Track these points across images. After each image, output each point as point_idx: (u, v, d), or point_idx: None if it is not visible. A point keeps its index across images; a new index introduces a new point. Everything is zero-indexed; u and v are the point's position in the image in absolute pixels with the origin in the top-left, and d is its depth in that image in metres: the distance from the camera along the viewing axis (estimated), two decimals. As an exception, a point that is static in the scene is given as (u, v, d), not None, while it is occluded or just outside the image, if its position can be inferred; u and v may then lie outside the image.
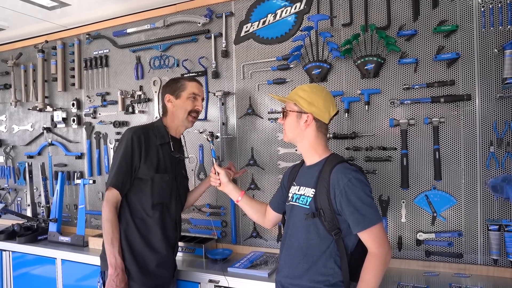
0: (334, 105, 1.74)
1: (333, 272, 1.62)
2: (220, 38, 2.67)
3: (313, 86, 1.79)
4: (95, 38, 3.21)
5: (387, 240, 1.59)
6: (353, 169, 1.63)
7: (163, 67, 2.89)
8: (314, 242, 1.65)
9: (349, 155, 2.33)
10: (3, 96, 3.86)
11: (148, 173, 2.05)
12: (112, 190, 1.99)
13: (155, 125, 2.18)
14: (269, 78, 2.52)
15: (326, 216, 1.62)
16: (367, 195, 1.58)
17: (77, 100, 3.32)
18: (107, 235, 1.97)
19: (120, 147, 2.04)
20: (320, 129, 1.73)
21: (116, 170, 2.00)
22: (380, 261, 1.55)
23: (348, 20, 2.33)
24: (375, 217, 1.56)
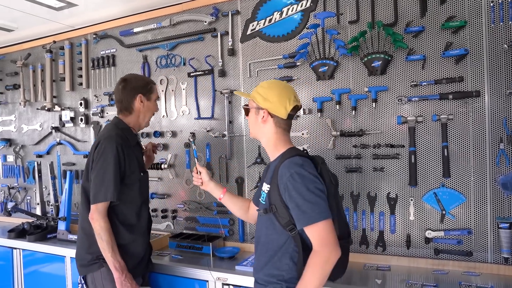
0: (292, 100, 1.68)
1: (288, 268, 1.61)
2: (226, 37, 2.67)
3: (271, 82, 1.80)
4: (102, 38, 3.22)
5: (333, 239, 1.51)
6: (298, 164, 1.58)
7: (169, 66, 2.90)
8: (272, 238, 1.66)
9: (356, 152, 2.32)
10: (12, 96, 3.90)
11: (135, 177, 2.13)
12: (105, 203, 2.02)
13: (120, 127, 2.17)
14: (276, 76, 2.52)
15: (279, 212, 1.61)
16: (310, 191, 1.53)
17: (85, 100, 3.34)
18: (107, 244, 2.00)
19: (107, 159, 2.03)
20: (279, 124, 1.71)
21: (113, 183, 2.01)
22: (320, 260, 1.50)
23: (354, 17, 2.32)
24: (317, 214, 1.50)
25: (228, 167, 2.69)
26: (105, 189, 2.00)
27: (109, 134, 2.12)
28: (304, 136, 2.46)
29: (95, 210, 2.01)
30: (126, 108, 2.20)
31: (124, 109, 2.20)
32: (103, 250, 2.02)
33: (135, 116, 2.20)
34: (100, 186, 2.01)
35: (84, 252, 2.12)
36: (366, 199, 2.32)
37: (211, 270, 2.28)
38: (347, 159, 2.35)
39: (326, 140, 2.41)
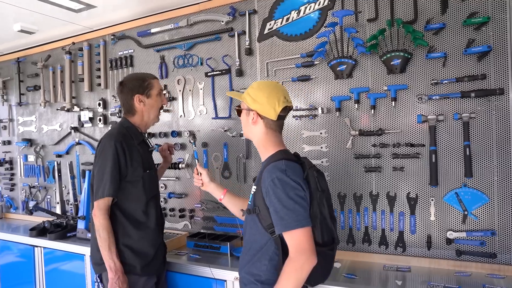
0: (282, 101, 1.67)
1: (265, 269, 1.63)
2: (243, 36, 2.67)
3: (261, 83, 1.78)
4: (120, 38, 3.26)
5: (308, 247, 1.50)
6: (281, 169, 1.57)
7: (187, 66, 2.92)
8: (255, 238, 1.67)
9: (375, 152, 2.30)
10: (33, 97, 3.97)
11: (137, 174, 2.14)
12: (106, 199, 2.03)
13: (125, 126, 2.20)
14: (294, 76, 2.51)
15: (262, 214, 1.62)
16: (289, 198, 1.52)
17: (103, 100, 3.38)
18: (104, 241, 2.00)
19: (106, 156, 2.06)
20: (269, 126, 1.70)
21: (110, 179, 2.03)
22: (294, 267, 1.50)
23: (373, 15, 2.29)
24: (294, 221, 1.50)
25: (245, 166, 2.68)
26: (103, 185, 2.03)
27: (110, 132, 2.16)
28: (322, 135, 2.44)
29: (96, 207, 2.03)
30: (129, 110, 2.23)
31: (127, 111, 2.24)
32: (100, 248, 2.02)
33: (139, 116, 2.22)
34: (100, 183, 2.04)
35: (97, 251, 2.11)
36: (386, 199, 2.30)
37: (230, 270, 2.28)
38: (366, 159, 2.33)
39: (344, 139, 2.39)
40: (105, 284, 2.13)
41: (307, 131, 2.49)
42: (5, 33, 3.52)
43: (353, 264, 2.32)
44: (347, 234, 2.41)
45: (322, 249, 1.58)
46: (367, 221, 2.35)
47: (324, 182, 1.73)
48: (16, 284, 3.42)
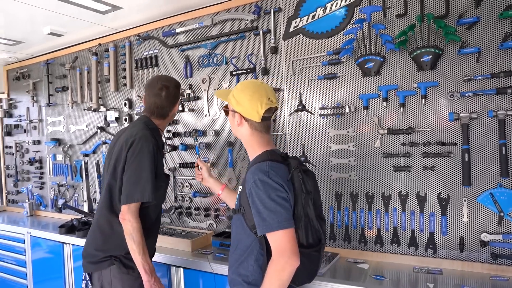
0: (265, 103, 1.64)
1: (252, 269, 1.62)
2: (268, 35, 2.65)
3: (244, 84, 1.74)
4: (145, 39, 3.29)
5: (289, 249, 1.48)
6: (263, 171, 1.55)
7: (211, 65, 2.92)
8: (241, 237, 1.68)
9: (405, 151, 2.24)
10: (61, 98, 4.06)
11: (162, 179, 2.12)
12: (138, 203, 1.95)
13: (150, 127, 2.11)
14: (320, 74, 2.47)
15: (247, 214, 1.62)
16: (271, 199, 1.50)
17: (129, 100, 3.43)
18: (138, 245, 1.94)
19: (143, 158, 1.96)
20: (254, 127, 1.69)
21: (150, 183, 1.95)
22: (276, 269, 1.49)
23: (402, 11, 2.23)
24: (276, 223, 1.49)
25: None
26: (142, 188, 1.93)
27: (143, 133, 2.04)
28: (349, 134, 2.40)
29: (127, 211, 1.93)
30: (163, 114, 2.18)
31: (161, 115, 2.17)
32: (133, 252, 1.95)
33: (167, 120, 2.23)
34: (136, 185, 1.94)
35: (94, 249, 2.07)
36: (415, 199, 2.24)
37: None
38: (395, 158, 2.27)
39: (372, 138, 2.34)
40: (95, 283, 2.09)
41: (334, 130, 2.45)
42: (36, 36, 3.62)
43: (381, 265, 2.27)
44: (375, 235, 2.36)
45: (306, 251, 1.58)
46: (396, 221, 2.30)
47: (311, 182, 1.70)
48: (47, 279, 3.52)
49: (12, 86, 4.65)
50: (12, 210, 4.69)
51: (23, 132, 4.50)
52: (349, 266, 2.30)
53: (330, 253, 2.44)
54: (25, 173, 4.51)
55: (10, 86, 4.67)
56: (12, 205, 4.70)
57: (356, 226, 2.42)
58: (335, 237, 2.49)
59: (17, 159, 4.58)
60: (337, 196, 2.46)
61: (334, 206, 2.48)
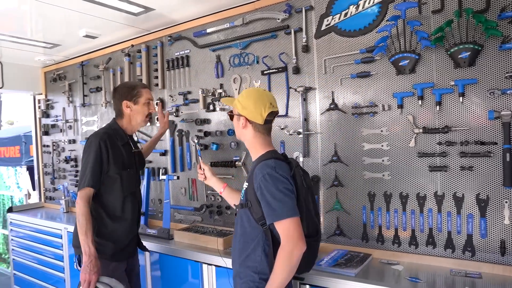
0: (268, 107, 1.85)
1: (260, 260, 1.79)
2: (300, 33, 2.64)
3: (249, 91, 1.97)
4: (176, 39, 3.34)
5: (298, 235, 1.66)
6: (270, 166, 1.75)
7: (242, 64, 2.93)
8: (247, 231, 1.84)
9: (441, 150, 2.18)
10: (95, 98, 4.18)
11: (117, 171, 2.41)
12: (87, 189, 2.30)
13: (113, 128, 2.51)
14: (352, 72, 2.44)
15: (253, 208, 1.79)
16: (279, 191, 1.70)
17: (161, 100, 3.49)
18: (82, 227, 2.23)
19: (90, 151, 2.35)
20: (257, 129, 1.89)
21: (91, 171, 2.31)
22: (285, 254, 1.66)
23: (439, 6, 2.17)
24: (284, 212, 1.67)
25: (303, 165, 2.65)
26: (85, 177, 2.31)
27: (97, 131, 2.48)
28: (383, 133, 2.36)
29: (78, 196, 2.29)
30: (118, 113, 2.55)
31: (117, 115, 2.56)
32: (78, 232, 2.24)
33: (127, 119, 2.53)
34: (83, 174, 2.34)
35: (75, 234, 2.36)
36: (452, 200, 2.18)
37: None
38: (431, 157, 2.22)
39: (407, 137, 2.29)
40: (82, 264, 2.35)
41: (367, 129, 2.41)
42: (72, 39, 3.75)
43: (415, 267, 2.22)
44: (409, 236, 2.31)
45: (307, 240, 1.72)
46: (431, 222, 2.24)
47: (308, 180, 1.92)
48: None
49: (49, 88, 4.83)
50: (49, 207, 4.88)
51: (59, 131, 4.67)
52: (383, 267, 2.26)
53: (363, 253, 2.41)
54: (61, 171, 4.67)
55: (48, 88, 4.86)
56: (49, 202, 4.89)
57: (390, 227, 2.37)
58: (368, 237, 2.45)
59: (54, 158, 4.75)
60: (370, 196, 2.43)
61: (367, 206, 2.44)
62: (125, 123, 2.55)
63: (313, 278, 2.17)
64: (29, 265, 4.31)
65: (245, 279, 1.83)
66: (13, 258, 4.57)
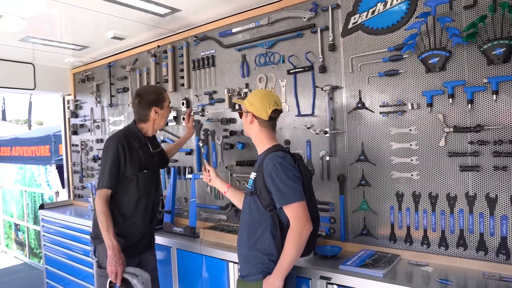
0: (272, 105, 2.06)
1: (269, 242, 1.97)
2: (326, 32, 2.62)
3: (257, 91, 2.33)
4: (201, 39, 3.37)
5: (305, 216, 1.88)
6: (280, 156, 1.96)
7: (268, 64, 2.93)
8: (255, 217, 2.01)
9: (472, 149, 2.13)
10: (122, 98, 4.27)
11: (133, 172, 2.52)
12: (104, 189, 2.44)
13: (131, 130, 2.62)
14: (380, 70, 2.41)
15: (262, 195, 1.98)
16: (288, 177, 1.90)
17: (187, 99, 3.53)
18: (103, 224, 2.39)
19: (108, 153, 2.47)
20: (263, 124, 2.09)
21: (108, 173, 2.44)
22: (295, 234, 1.86)
23: (471, 1, 2.12)
24: (293, 196, 1.88)
25: (329, 164, 2.64)
26: (103, 178, 2.45)
27: (115, 133, 2.60)
28: (411, 132, 2.32)
29: (97, 195, 2.45)
30: (142, 119, 2.64)
31: (141, 120, 2.65)
32: (101, 229, 2.40)
33: (151, 123, 2.64)
34: (101, 176, 2.48)
35: (93, 227, 2.57)
36: (485, 201, 2.12)
37: (314, 268, 2.26)
38: (462, 157, 2.17)
39: (436, 136, 2.24)
40: (98, 255, 2.58)
41: (395, 128, 2.38)
42: (100, 40, 3.84)
43: (446, 268, 2.18)
44: (439, 237, 2.27)
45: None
46: (462, 223, 2.19)
47: (310, 172, 2.22)
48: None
49: (78, 88, 4.96)
50: (78, 204, 5.02)
51: (87, 131, 4.79)
52: (411, 268, 2.23)
53: (391, 254, 2.38)
54: (89, 170, 4.79)
55: (76, 88, 4.99)
56: (78, 199, 5.03)
57: (419, 227, 2.33)
58: (396, 238, 2.42)
59: (82, 157, 4.88)
60: (398, 196, 2.39)
61: (394, 206, 2.41)
62: (147, 126, 2.65)
63: (341, 278, 2.16)
64: (59, 260, 4.45)
65: (253, 262, 2.01)
66: (45, 253, 4.73)
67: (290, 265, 1.91)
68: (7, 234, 7.89)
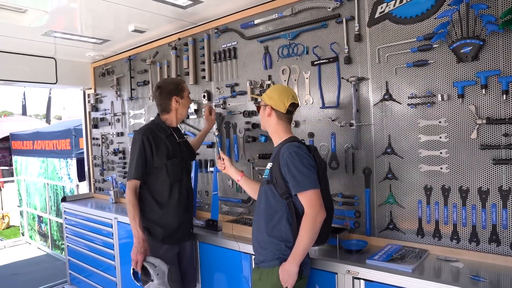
0: (290, 98, 2.14)
1: (285, 229, 2.04)
2: (352, 22, 2.55)
3: (276, 85, 2.48)
4: (223, 31, 3.34)
5: (320, 203, 1.95)
6: (296, 146, 2.04)
7: (291, 55, 2.88)
8: (271, 205, 2.08)
9: (507, 142, 2.05)
10: (142, 92, 4.28)
11: (161, 162, 2.64)
12: (133, 180, 2.58)
13: (155, 123, 2.76)
14: (408, 61, 2.34)
15: (278, 183, 2.05)
16: (304, 166, 1.98)
17: (208, 92, 3.51)
18: (130, 213, 2.54)
19: (135, 147, 2.62)
20: (280, 117, 2.17)
21: (135, 165, 2.59)
22: (310, 220, 1.93)
23: (507, -13, 2.03)
24: (308, 183, 1.95)
25: (354, 157, 2.59)
26: (131, 170, 2.60)
27: (141, 127, 2.75)
28: (441, 124, 2.25)
29: (127, 186, 2.61)
30: (165, 109, 2.76)
31: (164, 110, 2.77)
32: (128, 218, 2.56)
33: (173, 113, 2.76)
34: (130, 167, 2.64)
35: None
36: (520, 195, 2.05)
37: (341, 263, 2.23)
38: (495, 150, 2.09)
39: (468, 128, 2.17)
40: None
41: (424, 120, 2.31)
42: (120, 34, 3.84)
43: (477, 265, 2.11)
44: (470, 232, 2.20)
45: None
46: (495, 219, 2.12)
47: (324, 163, 2.25)
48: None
49: (98, 82, 5.00)
50: (99, 197, 5.07)
51: (108, 124, 4.83)
52: (440, 264, 2.17)
53: (418, 249, 2.32)
54: (110, 163, 4.83)
55: (97, 82, 5.03)
56: (98, 193, 5.08)
57: (448, 222, 2.27)
58: (423, 232, 2.36)
59: (102, 150, 4.93)
60: (426, 190, 2.33)
61: (422, 200, 2.35)
62: (170, 117, 2.78)
63: (368, 273, 2.12)
64: (81, 252, 4.51)
65: (270, 248, 2.07)
66: (67, 245, 4.80)
67: (305, 251, 1.99)
68: (31, 226, 8.07)
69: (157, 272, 2.54)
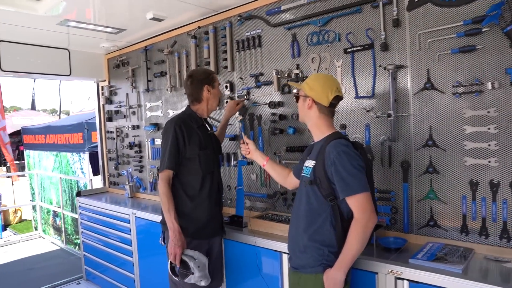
0: (334, 91, 1.96)
1: (329, 233, 1.89)
2: (389, 6, 2.39)
3: (318, 75, 2.30)
4: (246, 19, 3.19)
5: (371, 208, 1.79)
6: (344, 144, 1.87)
7: (322, 43, 2.73)
8: (313, 207, 1.93)
9: None
10: (159, 83, 4.15)
11: (194, 152, 2.56)
12: (166, 171, 2.49)
13: (187, 113, 2.69)
14: (454, 47, 2.17)
15: (322, 184, 1.89)
16: (353, 167, 1.81)
17: (230, 83, 3.37)
18: (164, 205, 2.46)
19: (167, 137, 2.54)
20: (322, 110, 2.00)
21: (168, 155, 2.50)
22: (361, 226, 1.78)
23: None
24: (358, 186, 1.79)
25: (391, 150, 2.44)
26: (164, 160, 2.51)
27: (172, 118, 2.67)
28: (490, 114, 2.09)
29: (160, 177, 2.52)
30: (196, 99, 2.68)
31: (195, 100, 2.68)
32: (163, 210, 2.48)
33: (204, 103, 2.68)
34: (162, 158, 2.55)
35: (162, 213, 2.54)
36: None
37: (382, 262, 2.09)
38: (552, 142, 1.94)
39: (521, 118, 2.02)
40: (166, 240, 2.59)
41: (470, 110, 2.15)
42: (137, 23, 3.71)
43: (527, 265, 1.97)
44: (519, 229, 2.05)
45: None
46: (547, 216, 1.97)
47: (371, 162, 2.16)
48: (150, 255, 3.68)
49: (112, 74, 4.88)
50: (113, 192, 4.98)
51: (122, 117, 4.71)
52: (490, 264, 2.03)
53: (463, 247, 2.18)
54: (125, 157, 4.73)
55: (111, 74, 4.91)
56: (113, 187, 4.99)
57: (497, 219, 2.12)
58: (468, 230, 2.21)
59: (117, 144, 4.82)
60: (472, 185, 2.18)
61: (467, 195, 2.20)
62: (201, 107, 2.70)
63: (412, 273, 1.98)
64: (97, 247, 4.43)
65: (311, 253, 1.92)
66: (83, 240, 4.72)
67: (353, 259, 1.83)
68: (45, 220, 8.02)
69: (198, 265, 2.46)
